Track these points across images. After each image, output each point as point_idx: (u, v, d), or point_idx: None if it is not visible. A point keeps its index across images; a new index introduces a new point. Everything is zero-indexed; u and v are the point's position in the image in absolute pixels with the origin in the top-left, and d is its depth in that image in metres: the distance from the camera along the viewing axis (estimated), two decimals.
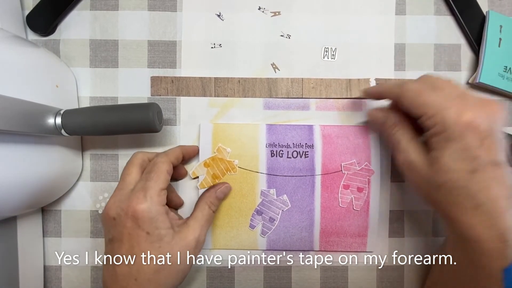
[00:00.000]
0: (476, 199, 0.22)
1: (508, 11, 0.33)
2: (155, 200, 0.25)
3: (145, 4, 0.33)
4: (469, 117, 0.21)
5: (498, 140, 0.22)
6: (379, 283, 0.33)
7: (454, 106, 0.22)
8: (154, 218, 0.24)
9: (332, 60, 0.33)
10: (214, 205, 0.29)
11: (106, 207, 0.26)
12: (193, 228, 0.26)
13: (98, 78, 0.33)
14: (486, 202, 0.21)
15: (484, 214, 0.21)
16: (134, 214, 0.24)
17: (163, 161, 0.27)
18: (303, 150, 0.32)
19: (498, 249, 0.21)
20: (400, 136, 0.26)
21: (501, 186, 0.22)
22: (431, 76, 0.25)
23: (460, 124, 0.21)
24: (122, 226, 0.24)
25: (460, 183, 0.22)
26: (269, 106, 0.33)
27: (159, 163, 0.26)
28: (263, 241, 0.32)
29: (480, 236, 0.22)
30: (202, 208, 0.28)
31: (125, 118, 0.26)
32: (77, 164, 0.32)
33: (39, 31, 0.32)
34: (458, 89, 0.23)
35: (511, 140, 0.33)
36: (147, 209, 0.24)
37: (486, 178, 0.22)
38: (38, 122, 0.24)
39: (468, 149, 0.21)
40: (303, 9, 0.33)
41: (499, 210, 0.21)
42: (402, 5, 0.33)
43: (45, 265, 0.33)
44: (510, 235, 0.21)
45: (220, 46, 0.33)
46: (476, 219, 0.22)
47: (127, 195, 0.25)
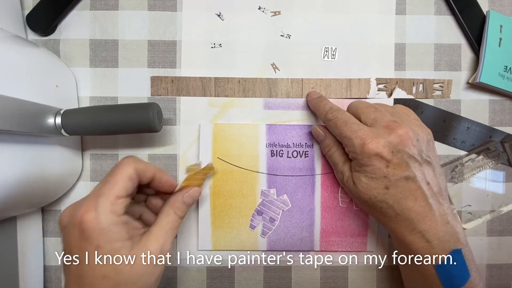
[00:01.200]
0: (395, 209, 0.25)
1: (508, 11, 0.33)
2: (106, 209, 0.21)
3: (145, 4, 0.33)
4: (372, 148, 0.25)
5: (408, 156, 0.25)
6: (379, 283, 0.33)
7: (360, 138, 0.25)
8: (105, 230, 0.21)
9: (332, 60, 0.33)
10: (181, 211, 0.26)
11: (60, 216, 0.23)
12: (156, 236, 0.23)
13: (98, 78, 0.33)
14: (403, 210, 0.25)
15: (403, 221, 0.25)
16: (81, 225, 0.21)
17: (126, 164, 0.23)
18: (303, 150, 0.32)
19: (424, 248, 0.25)
20: (336, 158, 0.29)
21: (416, 195, 0.25)
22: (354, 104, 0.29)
23: (366, 153, 0.25)
24: (72, 237, 0.22)
25: (379, 198, 0.25)
26: (269, 106, 0.33)
27: (120, 165, 0.23)
28: (263, 242, 0.32)
29: (405, 238, 0.25)
30: (167, 213, 0.25)
31: (125, 118, 0.26)
32: (77, 164, 0.32)
33: (39, 31, 0.32)
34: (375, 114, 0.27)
35: (511, 140, 0.33)
36: (95, 219, 0.21)
37: (400, 191, 0.25)
38: (38, 122, 0.24)
39: (378, 171, 0.25)
40: (303, 9, 0.33)
41: (416, 216, 0.25)
42: (402, 5, 0.33)
43: (45, 265, 0.33)
44: (432, 236, 0.24)
45: (220, 46, 0.33)
46: (399, 224, 0.25)
47: (80, 203, 0.22)
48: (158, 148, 0.33)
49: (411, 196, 0.25)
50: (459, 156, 0.33)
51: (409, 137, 0.25)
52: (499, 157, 0.33)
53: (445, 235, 0.24)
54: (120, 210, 0.22)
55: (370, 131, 0.25)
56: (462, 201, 0.33)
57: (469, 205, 0.33)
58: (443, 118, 0.33)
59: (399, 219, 0.25)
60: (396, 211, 0.25)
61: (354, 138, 0.25)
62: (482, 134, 0.33)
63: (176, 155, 0.33)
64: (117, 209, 0.22)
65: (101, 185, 0.23)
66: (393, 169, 0.25)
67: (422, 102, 0.33)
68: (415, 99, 0.33)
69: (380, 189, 0.25)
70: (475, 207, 0.33)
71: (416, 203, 0.25)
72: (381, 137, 0.25)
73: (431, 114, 0.33)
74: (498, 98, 0.33)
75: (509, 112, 0.33)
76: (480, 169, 0.33)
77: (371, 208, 0.27)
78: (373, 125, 0.26)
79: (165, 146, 0.33)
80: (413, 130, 0.26)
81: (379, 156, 0.25)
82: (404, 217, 0.25)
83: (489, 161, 0.33)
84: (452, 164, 0.33)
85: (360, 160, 0.25)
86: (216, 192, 0.32)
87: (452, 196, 0.33)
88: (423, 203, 0.25)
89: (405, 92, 0.33)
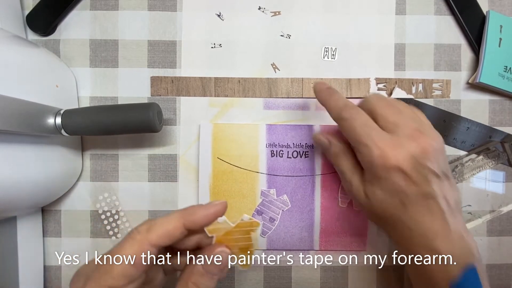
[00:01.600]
0: (409, 226, 0.23)
1: (508, 11, 0.33)
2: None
3: (145, 4, 0.33)
4: (392, 161, 0.22)
5: (428, 171, 0.23)
6: (379, 283, 0.33)
7: (379, 148, 0.23)
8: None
9: (332, 60, 0.33)
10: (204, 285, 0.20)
11: (74, 275, 0.20)
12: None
13: (98, 78, 0.33)
14: (418, 228, 0.23)
15: (417, 237, 0.23)
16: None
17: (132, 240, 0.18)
18: (303, 150, 0.32)
19: (437, 265, 0.23)
20: (343, 167, 0.26)
21: (433, 214, 0.23)
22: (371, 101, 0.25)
23: (385, 166, 0.23)
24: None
25: (394, 214, 0.24)
26: (269, 106, 0.33)
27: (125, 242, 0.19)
28: (263, 241, 0.32)
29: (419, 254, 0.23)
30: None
31: (125, 118, 0.26)
32: (77, 164, 0.32)
33: (39, 31, 0.32)
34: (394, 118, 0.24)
35: (511, 140, 0.33)
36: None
37: (417, 210, 0.23)
38: (38, 122, 0.24)
39: (396, 186, 0.23)
40: (303, 9, 0.33)
41: (431, 233, 0.23)
42: (402, 5, 0.33)
43: (45, 265, 0.33)
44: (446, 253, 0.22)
45: (220, 46, 0.33)
46: (411, 241, 0.24)
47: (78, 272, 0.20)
48: (158, 148, 0.33)
49: (429, 214, 0.23)
50: (459, 156, 0.33)
51: (433, 150, 0.23)
52: (499, 157, 0.33)
53: (459, 250, 0.23)
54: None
55: (391, 140, 0.23)
56: (462, 201, 0.33)
57: (469, 205, 0.33)
58: (443, 118, 0.33)
59: (413, 235, 0.23)
60: (410, 228, 0.23)
61: (373, 147, 0.23)
62: (482, 134, 0.33)
63: (176, 155, 0.33)
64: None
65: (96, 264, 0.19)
66: (413, 185, 0.23)
67: (422, 102, 0.33)
68: (414, 99, 0.33)
69: (396, 204, 0.23)
70: (475, 207, 0.33)
71: (433, 221, 0.23)
72: (403, 148, 0.23)
73: (431, 114, 0.33)
74: (498, 98, 0.33)
75: (509, 112, 0.33)
76: (480, 169, 0.33)
77: (382, 222, 0.25)
78: (394, 131, 0.24)
79: (165, 146, 0.33)
80: (436, 141, 0.24)
81: (399, 170, 0.23)
82: (418, 234, 0.23)
83: (489, 161, 0.33)
84: (452, 164, 0.33)
85: (377, 172, 0.23)
86: (216, 192, 0.32)
87: None
88: (440, 221, 0.23)
89: (405, 92, 0.33)
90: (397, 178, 0.23)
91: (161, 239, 0.18)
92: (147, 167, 0.33)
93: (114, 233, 0.33)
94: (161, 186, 0.33)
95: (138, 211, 0.33)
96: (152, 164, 0.33)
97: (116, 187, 0.33)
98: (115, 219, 0.33)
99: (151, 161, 0.33)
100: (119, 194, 0.33)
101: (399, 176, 0.23)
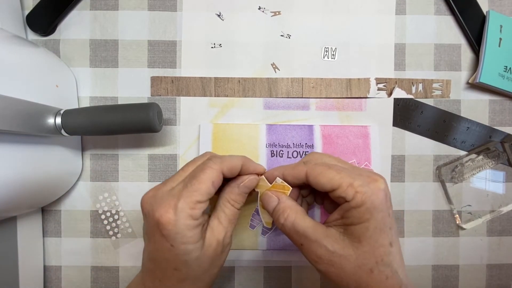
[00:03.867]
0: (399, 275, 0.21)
1: (508, 11, 0.33)
2: (185, 213, 0.21)
3: (145, 4, 0.33)
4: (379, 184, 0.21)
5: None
6: None
7: (361, 178, 0.21)
8: (181, 234, 0.21)
9: (332, 60, 0.33)
10: (238, 202, 0.25)
11: (142, 198, 0.23)
12: (217, 230, 0.24)
13: (98, 78, 0.33)
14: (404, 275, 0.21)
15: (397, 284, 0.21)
16: (159, 223, 0.21)
17: (210, 168, 0.23)
18: (303, 150, 0.32)
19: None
20: (301, 223, 0.23)
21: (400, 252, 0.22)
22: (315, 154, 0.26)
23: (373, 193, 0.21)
24: (150, 226, 0.22)
25: (385, 260, 0.21)
26: (269, 106, 0.33)
27: (206, 169, 0.23)
28: (263, 241, 0.32)
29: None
30: (223, 206, 0.25)
31: (125, 118, 0.26)
32: (77, 164, 0.32)
33: (39, 31, 0.32)
34: (345, 163, 0.24)
35: (511, 140, 0.33)
36: (173, 222, 0.21)
37: (398, 249, 0.22)
38: (38, 122, 0.24)
39: (386, 220, 0.21)
40: (303, 9, 0.33)
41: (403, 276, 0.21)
42: (402, 5, 0.33)
43: (45, 265, 0.33)
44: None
45: (220, 46, 0.33)
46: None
47: (162, 195, 0.23)
48: (158, 148, 0.33)
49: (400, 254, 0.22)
50: (459, 156, 0.33)
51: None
52: (499, 157, 0.33)
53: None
54: (197, 214, 0.22)
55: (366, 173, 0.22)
56: (462, 201, 0.33)
57: (469, 205, 0.33)
58: (443, 118, 0.33)
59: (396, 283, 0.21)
60: (400, 277, 0.21)
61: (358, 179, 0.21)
62: (482, 134, 0.33)
63: (176, 155, 0.33)
64: (195, 213, 0.22)
65: (181, 186, 0.23)
66: (393, 219, 0.22)
67: (422, 102, 0.33)
68: (414, 98, 0.33)
69: (386, 246, 0.21)
70: (475, 207, 0.33)
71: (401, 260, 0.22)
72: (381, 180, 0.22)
73: (431, 114, 0.33)
74: (498, 98, 0.33)
75: (509, 112, 0.33)
76: (480, 169, 0.33)
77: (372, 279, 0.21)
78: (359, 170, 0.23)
79: (165, 146, 0.33)
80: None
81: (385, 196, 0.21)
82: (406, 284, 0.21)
83: (489, 161, 0.33)
84: (452, 164, 0.33)
85: (372, 204, 0.21)
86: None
87: (452, 196, 0.33)
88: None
89: (405, 92, 0.33)
90: (386, 208, 0.21)
91: (228, 170, 0.24)
92: (147, 167, 0.33)
93: (114, 233, 0.33)
94: None
95: (138, 211, 0.33)
96: (152, 164, 0.33)
97: (116, 187, 0.33)
98: (115, 219, 0.33)
99: (151, 161, 0.33)
100: (119, 194, 0.33)
101: (386, 205, 0.21)
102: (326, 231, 0.22)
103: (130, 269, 0.33)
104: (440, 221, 0.33)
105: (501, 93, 0.33)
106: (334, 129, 0.32)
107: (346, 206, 0.21)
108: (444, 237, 0.33)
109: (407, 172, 0.33)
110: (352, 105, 0.33)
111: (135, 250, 0.33)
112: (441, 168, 0.33)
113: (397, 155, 0.33)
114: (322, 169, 0.23)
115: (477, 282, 0.33)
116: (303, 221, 0.23)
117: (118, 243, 0.33)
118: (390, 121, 0.33)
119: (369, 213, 0.21)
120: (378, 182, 0.22)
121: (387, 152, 0.33)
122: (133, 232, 0.33)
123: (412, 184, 0.33)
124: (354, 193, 0.21)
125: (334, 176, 0.22)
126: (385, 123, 0.33)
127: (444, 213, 0.33)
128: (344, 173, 0.22)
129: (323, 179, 0.22)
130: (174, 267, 0.22)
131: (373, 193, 0.21)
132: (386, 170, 0.33)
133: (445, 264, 0.33)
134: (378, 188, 0.21)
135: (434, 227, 0.33)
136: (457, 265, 0.33)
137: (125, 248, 0.33)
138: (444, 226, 0.33)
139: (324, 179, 0.22)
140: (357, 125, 0.33)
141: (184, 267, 0.22)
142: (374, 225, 0.21)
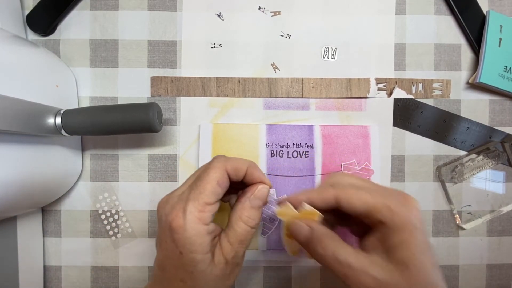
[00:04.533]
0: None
1: (508, 11, 0.33)
2: (194, 216, 0.21)
3: (145, 4, 0.33)
4: (417, 205, 0.20)
5: None
6: None
7: (395, 199, 0.20)
8: (190, 240, 0.21)
9: (332, 60, 0.33)
10: (252, 219, 0.23)
11: (158, 204, 0.23)
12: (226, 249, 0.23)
13: (98, 78, 0.33)
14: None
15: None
16: (170, 228, 0.21)
17: (214, 168, 0.22)
18: (303, 150, 0.32)
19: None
20: (342, 252, 0.20)
21: None
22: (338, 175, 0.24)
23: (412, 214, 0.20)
24: (163, 231, 0.22)
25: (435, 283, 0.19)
26: (269, 106, 0.33)
27: (209, 169, 0.22)
28: (263, 241, 0.32)
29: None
30: (235, 224, 0.23)
31: (125, 118, 0.26)
32: (77, 164, 0.32)
33: (39, 31, 0.32)
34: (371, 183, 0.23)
35: (511, 140, 0.33)
36: (182, 228, 0.21)
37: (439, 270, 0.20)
38: (38, 122, 0.24)
39: (426, 239, 0.20)
40: (303, 9, 0.33)
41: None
42: (402, 5, 0.33)
43: (45, 265, 0.33)
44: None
45: (220, 46, 0.33)
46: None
47: (174, 200, 0.22)
48: (158, 148, 0.33)
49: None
50: (459, 156, 0.33)
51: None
52: (499, 157, 0.33)
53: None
54: (207, 218, 0.22)
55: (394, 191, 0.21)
56: (462, 201, 0.33)
57: (469, 205, 0.33)
58: (443, 118, 0.33)
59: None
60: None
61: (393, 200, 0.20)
62: (482, 134, 0.33)
63: (176, 155, 0.33)
64: (205, 217, 0.22)
65: (188, 190, 0.22)
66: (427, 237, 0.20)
67: (422, 102, 0.33)
68: (414, 98, 0.33)
69: (435, 268, 0.19)
70: (475, 207, 0.33)
71: None
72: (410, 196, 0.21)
73: (431, 114, 0.33)
74: (498, 98, 0.33)
75: (509, 112, 0.33)
76: (480, 169, 0.33)
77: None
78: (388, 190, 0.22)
79: (165, 146, 0.33)
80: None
81: (421, 215, 0.20)
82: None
83: (489, 161, 0.33)
84: (452, 164, 0.33)
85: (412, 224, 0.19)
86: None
87: (452, 196, 0.33)
88: None
89: (405, 92, 0.33)
90: (423, 227, 0.20)
91: (233, 170, 0.23)
92: (147, 167, 0.33)
93: (114, 233, 0.33)
94: (161, 186, 0.33)
95: (138, 211, 0.33)
96: (152, 164, 0.33)
97: (116, 187, 0.33)
98: (115, 219, 0.33)
99: (151, 161, 0.33)
100: (119, 194, 0.33)
101: (423, 225, 0.20)
102: (369, 258, 0.20)
103: (130, 269, 0.33)
104: (440, 221, 0.33)
105: (501, 93, 0.33)
106: (334, 129, 0.32)
107: (384, 229, 0.20)
108: (444, 237, 0.33)
109: (407, 172, 0.33)
110: (352, 105, 0.33)
111: (135, 250, 0.33)
112: (441, 168, 0.33)
113: (397, 155, 0.33)
114: (353, 192, 0.21)
115: (477, 282, 0.33)
116: (344, 249, 0.20)
117: (118, 243, 0.33)
118: (390, 121, 0.33)
119: (411, 234, 0.19)
120: (413, 201, 0.21)
121: (387, 152, 0.33)
122: (133, 232, 0.33)
123: (412, 184, 0.33)
124: (392, 215, 0.20)
125: (367, 199, 0.20)
126: (385, 123, 0.33)
127: (444, 213, 0.33)
128: (376, 194, 0.21)
129: (357, 202, 0.21)
130: (180, 278, 0.22)
131: (411, 213, 0.20)
132: (386, 170, 0.33)
133: (445, 264, 0.33)
134: (414, 207, 0.20)
135: (434, 227, 0.33)
136: (457, 265, 0.33)
137: (125, 248, 0.33)
138: (444, 226, 0.33)
139: (358, 202, 0.21)
140: (357, 125, 0.33)
141: (189, 280, 0.22)
142: (419, 247, 0.19)
